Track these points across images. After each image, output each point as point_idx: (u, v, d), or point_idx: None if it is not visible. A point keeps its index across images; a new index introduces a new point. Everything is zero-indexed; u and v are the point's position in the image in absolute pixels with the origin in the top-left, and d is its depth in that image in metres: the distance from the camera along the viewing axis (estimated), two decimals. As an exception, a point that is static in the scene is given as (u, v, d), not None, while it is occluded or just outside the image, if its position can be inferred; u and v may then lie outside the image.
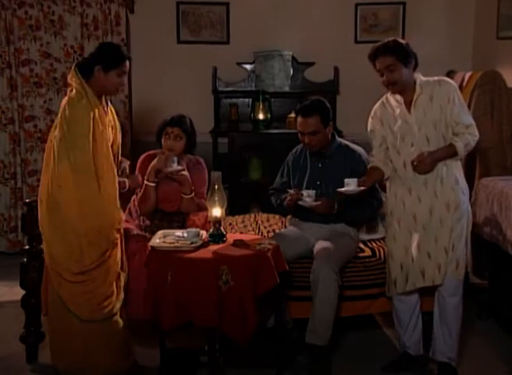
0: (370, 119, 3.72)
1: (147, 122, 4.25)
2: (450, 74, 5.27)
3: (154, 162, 3.97)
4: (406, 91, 3.53)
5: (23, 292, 3.81)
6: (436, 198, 3.50)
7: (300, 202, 3.84)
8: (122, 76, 3.54)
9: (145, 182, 3.99)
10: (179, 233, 3.55)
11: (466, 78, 4.93)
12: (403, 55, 3.43)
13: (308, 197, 3.80)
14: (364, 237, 4.23)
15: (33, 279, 3.66)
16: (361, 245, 4.12)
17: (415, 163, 3.46)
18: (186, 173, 3.97)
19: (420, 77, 3.55)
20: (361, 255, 4.02)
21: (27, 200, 3.82)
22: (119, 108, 5.91)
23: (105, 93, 3.57)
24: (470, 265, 3.69)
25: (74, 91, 3.43)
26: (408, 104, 3.53)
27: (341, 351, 3.92)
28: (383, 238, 4.14)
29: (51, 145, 3.41)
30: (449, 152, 3.48)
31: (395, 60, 3.42)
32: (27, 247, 3.75)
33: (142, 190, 4.03)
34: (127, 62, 3.54)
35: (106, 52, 3.52)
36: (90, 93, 3.42)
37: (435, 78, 3.57)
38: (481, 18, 5.85)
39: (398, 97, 3.57)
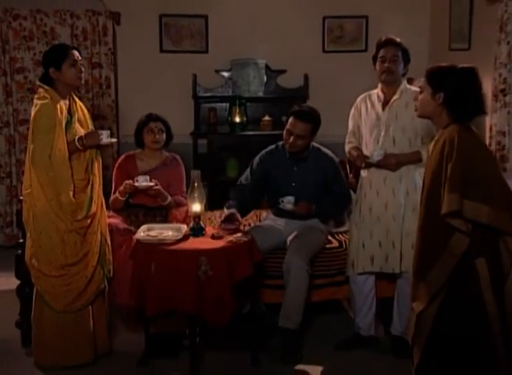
0: (352, 109, 3.81)
1: (132, 125, 4.24)
2: (409, 81, 5.31)
3: (129, 182, 3.88)
4: (390, 88, 3.59)
5: (18, 282, 3.79)
6: (408, 196, 3.55)
7: (280, 206, 3.84)
8: (76, 65, 3.39)
9: (117, 195, 3.96)
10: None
11: (422, 85, 4.98)
12: (405, 56, 3.59)
13: (288, 203, 3.79)
14: (332, 230, 4.26)
15: (27, 270, 3.64)
16: (330, 237, 4.15)
17: (381, 163, 3.50)
18: (159, 187, 3.93)
19: (405, 83, 3.63)
20: (329, 246, 4.05)
21: (22, 197, 3.78)
22: (107, 111, 5.90)
23: (72, 88, 3.46)
24: None
25: (37, 95, 3.38)
26: (385, 103, 3.59)
27: (310, 334, 3.94)
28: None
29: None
30: (414, 158, 3.53)
31: (400, 54, 3.56)
32: (22, 240, 3.72)
33: (112, 199, 4.01)
34: (74, 51, 3.41)
35: (50, 53, 3.44)
36: (54, 95, 3.34)
37: (417, 88, 3.62)
38: (435, 32, 5.95)
39: (381, 94, 3.63)
